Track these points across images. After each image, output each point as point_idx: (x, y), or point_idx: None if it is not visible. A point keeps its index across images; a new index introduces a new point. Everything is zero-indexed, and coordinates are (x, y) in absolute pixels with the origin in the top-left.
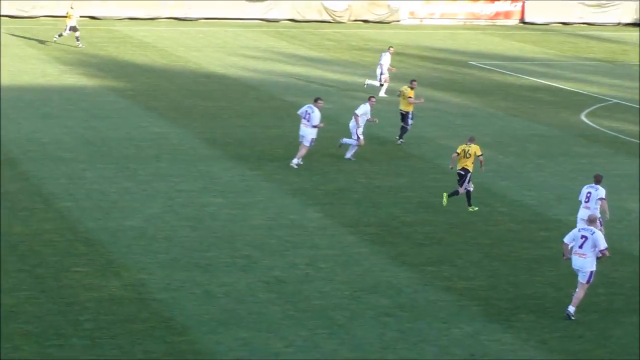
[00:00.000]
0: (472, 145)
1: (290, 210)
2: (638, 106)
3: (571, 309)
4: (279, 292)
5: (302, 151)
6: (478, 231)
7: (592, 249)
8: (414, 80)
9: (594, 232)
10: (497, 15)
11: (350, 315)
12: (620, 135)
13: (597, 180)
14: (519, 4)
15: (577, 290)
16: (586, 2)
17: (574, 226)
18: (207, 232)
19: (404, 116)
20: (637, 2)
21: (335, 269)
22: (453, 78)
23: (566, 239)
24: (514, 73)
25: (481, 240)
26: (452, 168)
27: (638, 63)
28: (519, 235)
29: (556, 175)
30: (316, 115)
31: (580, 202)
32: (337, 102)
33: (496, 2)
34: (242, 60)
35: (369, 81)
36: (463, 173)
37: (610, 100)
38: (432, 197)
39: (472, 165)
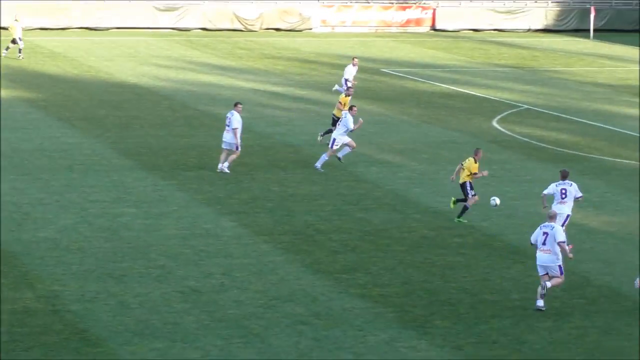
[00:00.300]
0: (469, 161)
1: (204, 219)
2: (548, 112)
3: (539, 302)
4: (194, 302)
5: (232, 156)
6: (392, 238)
7: (554, 244)
8: (351, 87)
9: (553, 227)
10: (408, 22)
11: (266, 324)
12: (531, 141)
13: (564, 175)
14: (430, 11)
15: (546, 283)
16: (496, 8)
17: (486, 232)
18: (121, 243)
19: (335, 122)
20: (546, 9)
21: (250, 277)
22: (366, 86)
23: (532, 239)
24: (426, 80)
25: (395, 247)
26: (452, 180)
27: (548, 69)
28: (433, 242)
29: None
30: (236, 119)
31: (555, 197)
32: (250, 110)
33: (407, 10)
34: (154, 70)
35: (337, 87)
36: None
37: (521, 106)
38: (345, 204)
39: (469, 177)
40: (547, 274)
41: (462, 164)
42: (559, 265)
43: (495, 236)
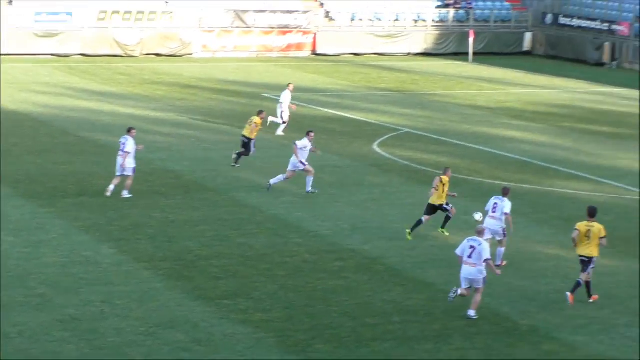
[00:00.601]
0: (443, 177)
1: (84, 247)
2: (428, 135)
3: (471, 312)
4: (73, 331)
5: (128, 182)
6: (273, 263)
7: (480, 259)
8: (263, 111)
9: (480, 243)
10: (289, 47)
11: (147, 352)
12: (412, 164)
13: (505, 192)
14: (311, 35)
15: (457, 290)
16: (376, 32)
17: (367, 256)
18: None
19: (246, 143)
20: (425, 32)
21: (130, 305)
22: (246, 110)
23: (457, 251)
24: (307, 104)
25: (277, 272)
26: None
27: (428, 92)
28: (314, 266)
29: (350, 205)
30: (130, 143)
31: (487, 212)
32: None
33: (288, 35)
34: (33, 96)
35: (271, 118)
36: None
37: (402, 130)
38: (227, 230)
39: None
40: (470, 287)
41: (437, 185)
42: (484, 278)
43: (376, 259)
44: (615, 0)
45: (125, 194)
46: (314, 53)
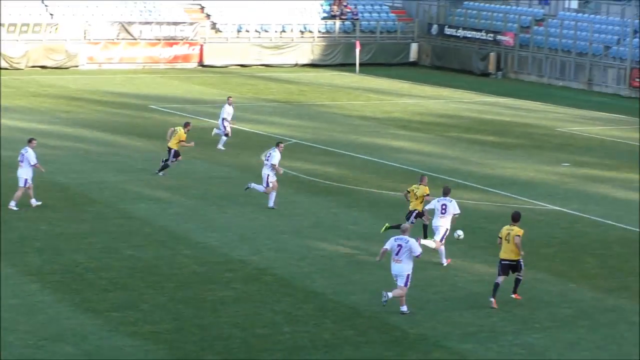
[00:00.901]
0: (421, 187)
1: None
2: (316, 145)
3: (404, 308)
4: None
5: (17, 193)
6: (162, 275)
7: (408, 256)
8: (189, 123)
9: (408, 241)
10: (176, 58)
11: None
12: (300, 175)
13: (446, 192)
14: (198, 47)
15: (388, 294)
16: (263, 44)
17: (256, 266)
18: None
19: (171, 154)
20: (312, 44)
21: (18, 318)
22: (133, 122)
23: (386, 245)
24: (195, 116)
25: (166, 284)
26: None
27: (315, 103)
28: (203, 277)
29: (239, 216)
30: (31, 154)
31: (436, 211)
32: (17, 149)
33: (175, 46)
34: None
35: (216, 130)
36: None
37: (290, 141)
38: (115, 242)
39: (421, 205)
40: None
41: (409, 191)
42: (408, 274)
43: (265, 270)
44: (500, 12)
45: (13, 205)
46: (201, 64)
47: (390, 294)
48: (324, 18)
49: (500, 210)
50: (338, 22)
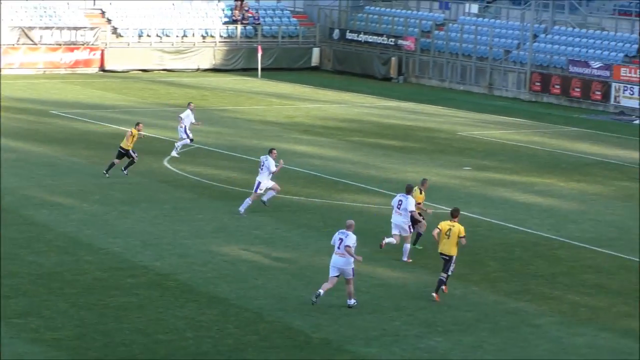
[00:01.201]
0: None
1: None
2: (219, 150)
3: (350, 301)
4: None
5: None
6: (64, 281)
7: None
8: (140, 123)
9: (347, 235)
10: (77, 63)
11: None
12: (202, 180)
13: (408, 190)
14: (99, 52)
15: (320, 291)
16: (165, 49)
17: (159, 272)
18: None
19: (123, 153)
20: (214, 48)
21: None
22: (34, 127)
23: (332, 241)
24: (96, 121)
25: (68, 290)
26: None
27: (217, 107)
28: (106, 283)
29: (141, 222)
30: None
31: (393, 208)
32: None
33: (76, 51)
34: None
35: (179, 142)
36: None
37: (192, 146)
38: (16, 248)
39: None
40: (339, 275)
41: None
42: (352, 268)
43: (168, 275)
44: (401, 16)
45: None
46: (102, 69)
47: (321, 291)
48: (225, 23)
49: None
50: (240, 27)
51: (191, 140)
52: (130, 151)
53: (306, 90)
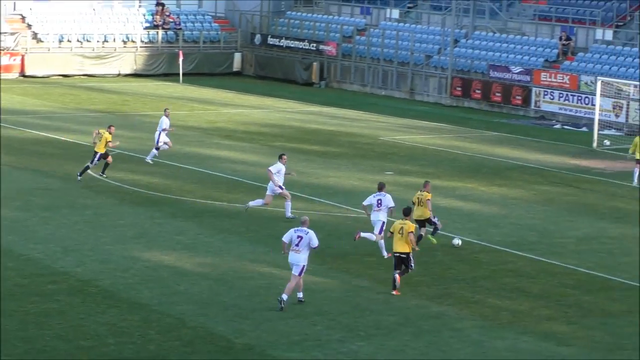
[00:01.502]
0: (424, 193)
1: None
2: (140, 155)
3: (284, 296)
4: None
5: None
6: None
7: (306, 247)
8: (112, 126)
9: (307, 232)
10: None
11: None
12: (124, 185)
13: (381, 187)
14: (19, 57)
15: (290, 280)
16: (86, 54)
17: (80, 278)
18: None
19: (101, 156)
20: (135, 54)
21: None
22: None
23: (284, 238)
24: (17, 127)
25: None
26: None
27: (139, 113)
28: (26, 290)
29: (62, 228)
30: None
31: (372, 207)
32: None
33: None
34: None
35: (156, 151)
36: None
37: (113, 151)
38: None
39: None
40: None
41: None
42: (304, 265)
43: (89, 281)
44: (322, 21)
45: None
46: (23, 75)
47: (285, 297)
48: (146, 28)
49: (324, 219)
50: (161, 32)
51: (157, 149)
52: (98, 155)
53: (228, 96)
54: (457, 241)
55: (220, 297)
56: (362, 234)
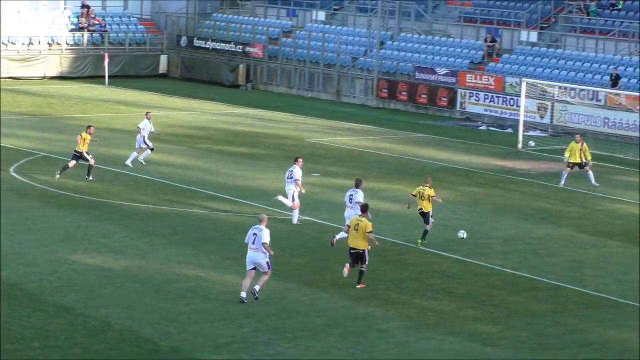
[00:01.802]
0: (427, 188)
1: None
2: (64, 158)
3: (243, 294)
4: None
5: None
6: None
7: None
8: (91, 125)
9: (261, 230)
10: None
11: None
12: (49, 188)
13: (357, 184)
14: None
15: (255, 288)
16: (11, 56)
17: (6, 281)
18: None
19: (78, 156)
20: (61, 56)
21: None
22: None
23: (246, 239)
24: None
25: None
26: (408, 207)
27: (64, 115)
28: None
29: None
30: None
31: (346, 203)
32: None
33: None
34: None
35: (141, 156)
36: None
37: (38, 154)
38: None
39: (430, 204)
40: (255, 268)
41: (415, 195)
42: (267, 262)
43: (14, 285)
44: (248, 23)
45: None
46: None
47: (257, 287)
48: (72, 30)
49: (252, 221)
50: (86, 34)
51: (152, 149)
52: (84, 153)
53: (154, 98)
54: (461, 234)
55: (146, 299)
56: (338, 236)
